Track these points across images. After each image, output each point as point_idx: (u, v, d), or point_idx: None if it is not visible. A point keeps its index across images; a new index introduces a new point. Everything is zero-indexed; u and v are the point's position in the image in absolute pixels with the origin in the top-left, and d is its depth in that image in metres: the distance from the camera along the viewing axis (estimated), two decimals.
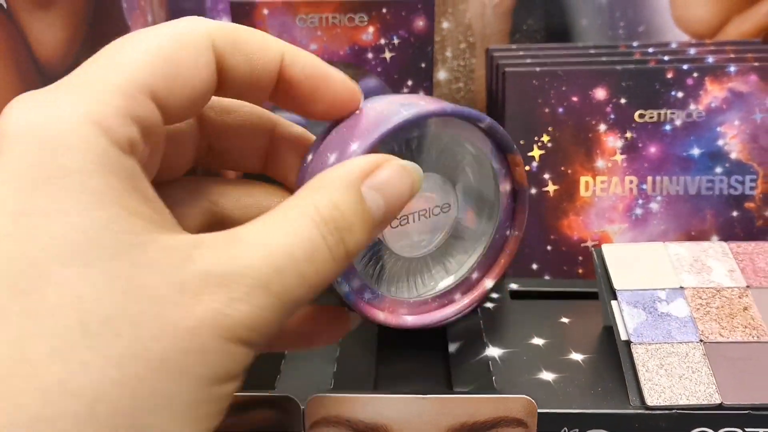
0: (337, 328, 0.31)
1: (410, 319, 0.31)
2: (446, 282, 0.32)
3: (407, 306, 0.32)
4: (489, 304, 0.43)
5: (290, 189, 0.31)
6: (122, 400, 0.19)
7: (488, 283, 0.33)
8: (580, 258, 0.46)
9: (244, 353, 0.21)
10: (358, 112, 0.28)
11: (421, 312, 0.32)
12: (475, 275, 0.33)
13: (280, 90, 0.27)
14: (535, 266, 0.46)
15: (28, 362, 0.18)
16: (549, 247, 0.46)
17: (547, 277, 0.46)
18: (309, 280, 0.22)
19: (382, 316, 0.30)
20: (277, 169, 0.31)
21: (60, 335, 0.19)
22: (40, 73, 0.32)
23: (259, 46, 0.25)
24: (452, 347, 0.40)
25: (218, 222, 0.28)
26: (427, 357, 0.40)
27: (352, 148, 0.27)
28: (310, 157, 0.29)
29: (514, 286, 0.45)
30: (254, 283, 0.21)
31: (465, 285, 0.33)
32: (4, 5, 0.29)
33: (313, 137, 0.31)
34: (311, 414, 0.33)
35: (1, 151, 0.20)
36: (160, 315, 0.20)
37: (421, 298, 0.32)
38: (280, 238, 0.22)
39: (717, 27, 0.60)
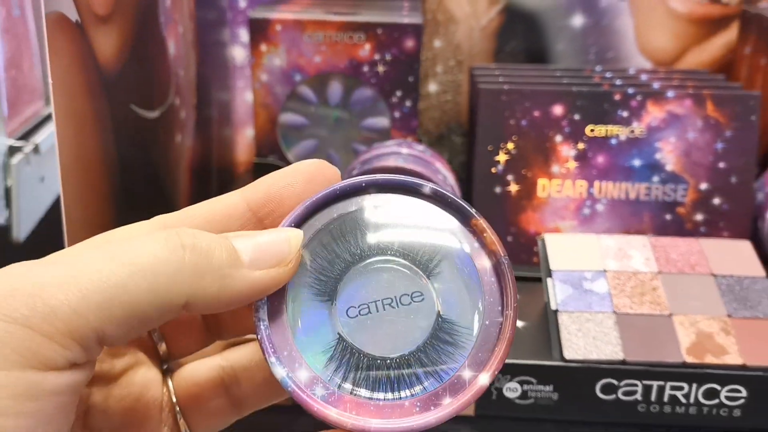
0: None
1: (376, 423, 0.24)
2: (430, 383, 0.25)
3: (376, 408, 0.25)
4: None
5: None
6: None
7: (484, 379, 0.25)
8: (535, 249, 0.54)
9: (60, 341, 0.19)
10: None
11: (393, 415, 0.25)
12: (467, 374, 0.25)
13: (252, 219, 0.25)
14: None
15: None
16: (509, 239, 0.55)
17: None
18: (137, 305, 0.20)
19: (334, 414, 0.24)
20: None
21: None
22: (101, 76, 0.41)
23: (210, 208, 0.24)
24: None
25: None
26: None
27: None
28: None
29: None
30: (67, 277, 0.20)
31: (455, 385, 0.25)
32: (79, 21, 0.37)
33: None
34: None
35: None
36: None
37: (396, 400, 0.25)
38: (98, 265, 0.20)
39: (676, 56, 0.68)
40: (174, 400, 0.27)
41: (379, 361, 0.25)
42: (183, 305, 0.21)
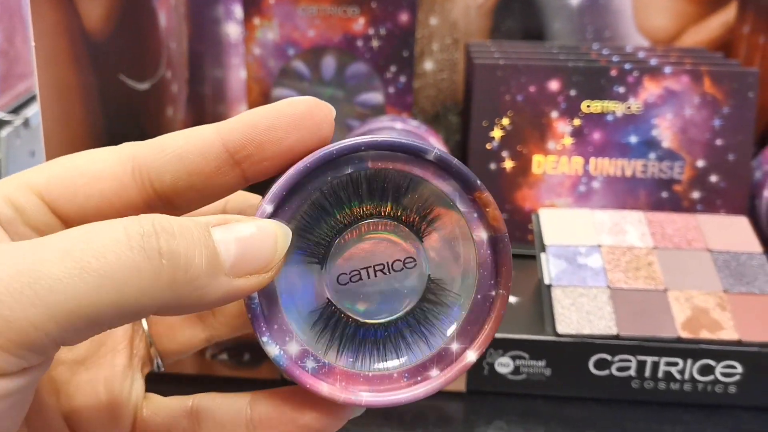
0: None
1: (367, 396, 0.24)
2: (420, 354, 0.25)
3: (365, 380, 0.25)
4: None
5: None
6: None
7: (471, 356, 0.25)
8: (530, 226, 0.54)
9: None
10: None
11: (383, 389, 0.25)
12: (455, 346, 0.25)
13: (238, 165, 0.22)
14: None
15: None
16: (504, 216, 0.54)
17: None
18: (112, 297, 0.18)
19: (326, 388, 0.24)
20: None
21: None
22: (87, 42, 0.40)
23: (187, 135, 0.22)
24: None
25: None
26: None
27: (272, 188, 0.23)
28: None
29: None
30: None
31: (443, 358, 0.25)
32: None
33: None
34: None
35: None
36: None
37: (386, 371, 0.25)
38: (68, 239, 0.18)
39: (675, 35, 0.68)
40: (145, 328, 0.26)
41: (368, 327, 0.25)
42: (153, 313, 0.19)
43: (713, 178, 0.53)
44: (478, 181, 0.24)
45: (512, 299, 0.45)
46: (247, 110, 0.22)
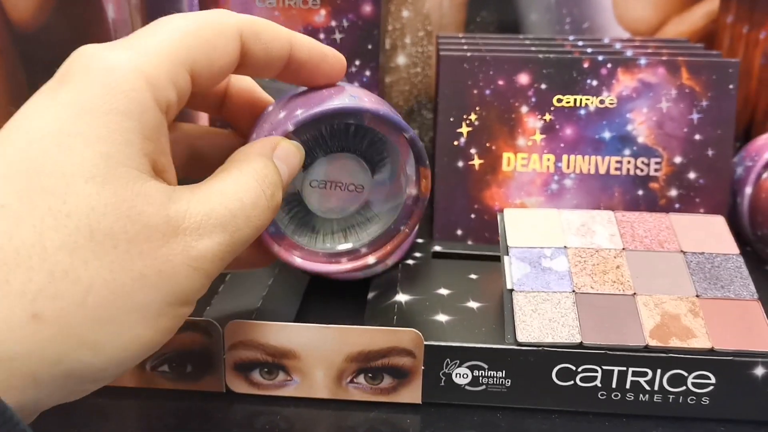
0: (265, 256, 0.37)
1: (298, 261, 0.36)
2: (340, 246, 0.37)
3: (301, 251, 0.37)
4: (410, 261, 0.48)
5: (239, 130, 0.39)
6: (108, 297, 0.24)
7: (371, 259, 0.37)
8: None
9: (202, 280, 0.27)
10: (328, 87, 0.35)
11: (310, 260, 0.37)
12: (363, 250, 0.37)
13: (288, 70, 0.33)
14: (459, 232, 0.52)
15: (43, 248, 0.23)
16: (473, 216, 0.51)
17: (470, 242, 0.52)
18: (253, 222, 0.29)
19: (276, 248, 0.35)
20: (230, 113, 0.37)
21: (71, 234, 0.24)
22: (12, 32, 0.38)
23: (274, 36, 0.31)
24: (370, 294, 0.45)
25: (196, 157, 0.36)
26: (349, 303, 0.46)
27: (297, 112, 0.33)
28: (270, 108, 0.36)
29: (437, 248, 0.50)
30: (215, 223, 0.27)
31: (353, 254, 0.37)
32: None
33: (259, 90, 0.38)
34: (229, 337, 0.38)
35: (67, 81, 0.26)
36: (148, 239, 0.25)
37: (315, 249, 0.37)
38: (233, 191, 0.29)
39: (656, 26, 0.65)
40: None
41: (316, 218, 0.37)
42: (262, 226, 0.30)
43: (692, 175, 0.50)
44: (427, 162, 0.36)
45: (475, 305, 0.42)
46: (316, 43, 0.34)
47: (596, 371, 0.37)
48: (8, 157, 0.24)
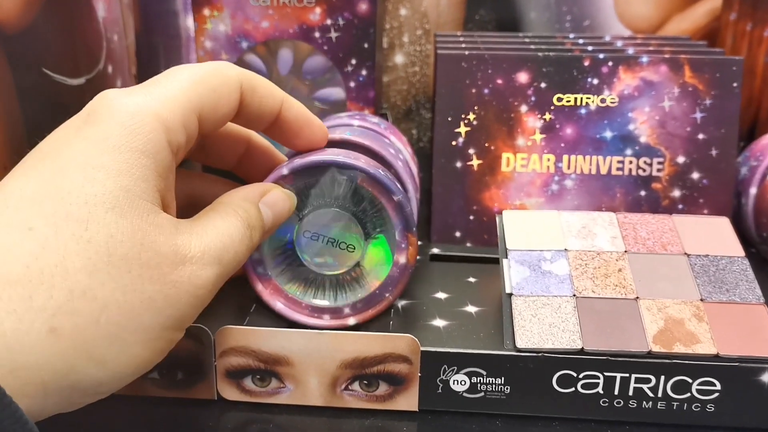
0: None
1: (280, 306, 0.38)
2: (323, 303, 0.38)
3: (285, 298, 0.38)
4: None
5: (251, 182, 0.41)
6: (119, 316, 0.27)
7: (351, 321, 0.38)
8: None
9: (198, 308, 0.30)
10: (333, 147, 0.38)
11: (292, 309, 0.38)
12: (347, 311, 0.38)
13: (275, 126, 0.36)
14: (458, 234, 0.51)
15: (65, 269, 0.26)
16: (471, 217, 0.50)
17: (468, 245, 0.51)
18: (238, 257, 0.32)
19: (260, 287, 0.38)
20: (247, 168, 0.41)
21: (91, 257, 0.27)
22: (0, 34, 0.37)
23: (268, 93, 0.34)
24: None
25: (193, 202, 0.38)
26: None
27: (294, 159, 0.37)
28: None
29: (435, 251, 0.49)
30: (214, 254, 0.30)
31: (335, 312, 0.38)
32: None
33: (277, 153, 0.41)
34: (220, 343, 0.37)
35: (93, 120, 0.29)
36: (159, 265, 0.28)
37: (299, 299, 0.38)
38: (225, 227, 0.32)
39: (658, 24, 0.64)
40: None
41: (304, 268, 0.38)
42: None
43: (695, 175, 0.49)
44: (414, 228, 0.37)
45: (473, 309, 0.41)
46: (304, 108, 0.37)
47: (598, 378, 0.36)
48: (38, 181, 0.27)
